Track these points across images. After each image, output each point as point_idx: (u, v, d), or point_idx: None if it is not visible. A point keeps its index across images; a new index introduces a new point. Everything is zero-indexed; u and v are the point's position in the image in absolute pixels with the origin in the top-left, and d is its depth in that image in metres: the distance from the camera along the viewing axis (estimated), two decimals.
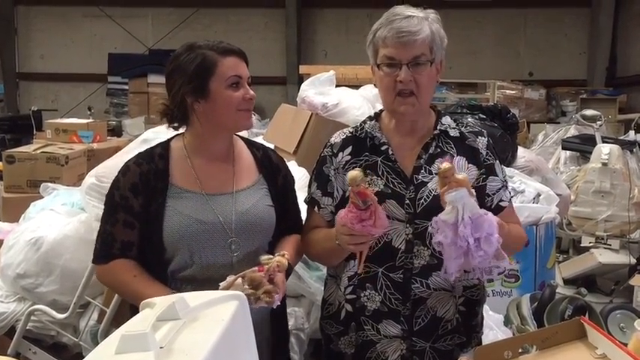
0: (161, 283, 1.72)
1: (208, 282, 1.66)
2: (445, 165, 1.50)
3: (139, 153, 1.86)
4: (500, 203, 1.81)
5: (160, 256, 1.75)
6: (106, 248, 1.76)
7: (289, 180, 1.97)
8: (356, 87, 3.98)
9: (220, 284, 1.60)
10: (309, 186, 1.90)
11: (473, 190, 1.53)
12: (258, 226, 1.80)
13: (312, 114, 3.54)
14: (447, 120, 1.84)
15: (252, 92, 1.78)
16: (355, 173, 1.52)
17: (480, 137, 1.83)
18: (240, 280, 1.58)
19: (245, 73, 1.78)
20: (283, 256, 1.67)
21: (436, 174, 1.73)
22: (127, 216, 1.74)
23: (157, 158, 1.79)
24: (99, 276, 1.85)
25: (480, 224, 1.50)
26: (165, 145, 1.84)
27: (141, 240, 1.76)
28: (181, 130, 1.85)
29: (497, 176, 1.81)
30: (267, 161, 1.92)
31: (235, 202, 1.79)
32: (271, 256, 1.66)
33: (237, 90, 1.75)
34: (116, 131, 8.22)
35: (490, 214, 1.55)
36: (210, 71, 1.72)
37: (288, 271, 1.72)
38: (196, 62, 1.72)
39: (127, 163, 1.81)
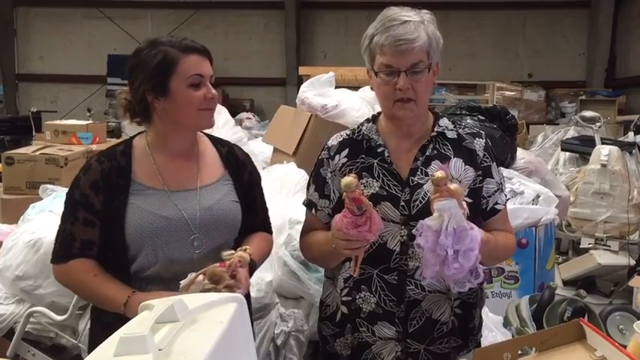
0: (122, 283, 1.69)
1: (174, 280, 1.64)
2: (439, 174, 1.50)
3: (102, 151, 1.83)
4: (496, 206, 1.81)
5: (123, 255, 1.71)
6: (65, 247, 1.72)
7: (255, 177, 1.95)
8: (355, 88, 3.98)
9: (181, 282, 1.58)
10: (307, 188, 1.91)
11: (464, 203, 1.53)
12: (223, 221, 1.78)
13: (311, 115, 3.55)
14: (444, 122, 1.84)
15: (213, 91, 1.74)
16: (349, 179, 1.51)
17: (477, 139, 1.83)
18: (201, 277, 1.56)
19: (207, 72, 1.74)
20: (245, 250, 1.65)
21: (432, 176, 1.74)
22: (87, 214, 1.71)
23: (118, 156, 1.77)
24: (57, 276, 1.79)
25: (462, 237, 1.50)
26: (128, 143, 1.82)
27: (102, 240, 1.72)
28: (144, 128, 1.84)
29: (493, 178, 1.81)
30: (232, 157, 1.90)
31: (199, 198, 1.77)
32: (233, 252, 1.63)
33: (199, 89, 1.71)
34: (115, 133, 8.22)
35: (476, 228, 1.55)
36: (170, 69, 1.69)
37: (253, 267, 1.71)
38: (157, 59, 1.69)
39: (88, 161, 1.79)
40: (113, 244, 1.71)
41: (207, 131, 1.91)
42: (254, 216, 1.91)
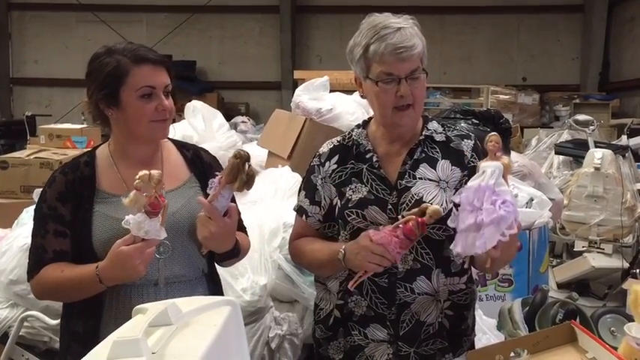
0: (88, 264, 1.65)
1: (146, 285, 1.68)
2: (493, 136, 1.52)
3: (65, 163, 1.84)
4: None
5: (93, 263, 1.66)
6: (37, 260, 1.71)
7: None
8: (350, 92, 3.99)
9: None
10: (299, 194, 1.92)
11: (509, 180, 1.56)
12: (189, 225, 1.74)
13: (306, 119, 3.55)
14: (433, 125, 1.85)
15: (166, 103, 1.71)
16: (438, 208, 1.56)
17: (465, 140, 1.84)
18: (139, 194, 1.51)
19: (160, 83, 1.71)
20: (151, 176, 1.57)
21: (420, 179, 1.75)
22: (57, 225, 1.70)
23: (82, 166, 1.77)
24: (34, 291, 1.76)
25: (502, 193, 1.50)
26: (91, 153, 1.82)
27: (74, 249, 1.71)
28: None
29: None
30: (198, 160, 1.89)
31: None
32: (146, 172, 1.54)
33: (150, 101, 1.69)
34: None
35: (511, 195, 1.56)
36: (120, 80, 1.67)
37: (236, 251, 1.75)
38: (108, 69, 1.68)
39: (52, 174, 1.79)
40: (83, 254, 1.70)
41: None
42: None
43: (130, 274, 1.57)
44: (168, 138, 1.88)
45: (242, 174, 1.59)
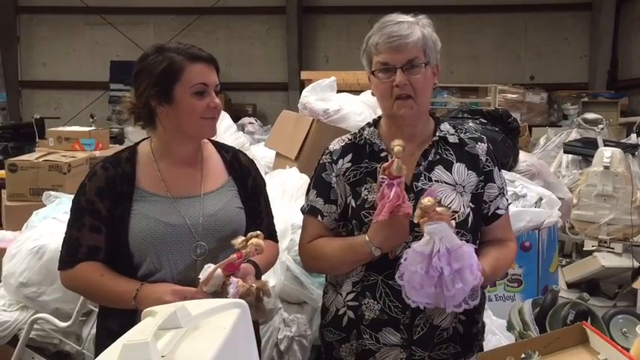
0: (129, 278, 1.69)
1: (184, 285, 1.66)
2: (426, 201, 1.52)
3: (107, 157, 1.85)
4: (497, 211, 1.80)
5: (129, 261, 1.72)
6: (71, 253, 1.73)
7: (259, 182, 1.94)
8: (357, 92, 3.99)
9: (200, 276, 1.58)
10: (307, 194, 1.88)
11: (453, 222, 1.56)
12: (227, 227, 1.77)
13: (313, 120, 3.55)
14: (445, 126, 1.84)
15: (217, 101, 1.75)
16: (401, 141, 1.59)
17: (479, 143, 1.83)
18: (219, 271, 1.56)
19: (212, 81, 1.74)
20: (257, 236, 1.62)
21: (436, 181, 1.74)
22: (93, 220, 1.72)
23: (123, 162, 1.77)
24: (64, 282, 1.80)
25: (459, 256, 1.52)
26: (133, 149, 1.82)
27: (108, 246, 1.73)
28: (147, 133, 1.84)
29: (495, 183, 1.81)
30: (236, 163, 1.89)
31: (203, 204, 1.77)
32: (243, 238, 1.61)
33: (203, 98, 1.72)
34: (118, 139, 8.25)
35: (467, 245, 1.56)
36: (175, 77, 1.69)
37: (258, 275, 1.72)
38: (163, 66, 1.69)
39: (94, 167, 1.80)
40: (119, 251, 1.72)
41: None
42: (259, 222, 1.89)
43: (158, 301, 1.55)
44: (208, 139, 1.89)
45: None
